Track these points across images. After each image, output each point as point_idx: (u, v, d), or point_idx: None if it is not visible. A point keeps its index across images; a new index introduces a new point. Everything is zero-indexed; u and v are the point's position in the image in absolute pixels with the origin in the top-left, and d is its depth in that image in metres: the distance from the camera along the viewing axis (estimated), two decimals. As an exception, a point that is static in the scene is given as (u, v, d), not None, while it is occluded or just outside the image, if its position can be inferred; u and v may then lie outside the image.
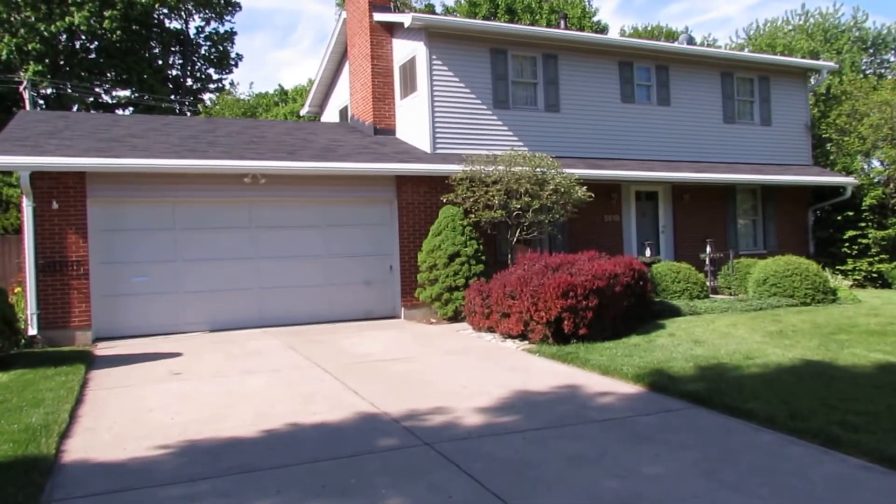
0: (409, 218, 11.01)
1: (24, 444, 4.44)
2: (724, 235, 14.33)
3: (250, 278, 10.29)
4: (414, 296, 10.86)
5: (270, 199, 10.39)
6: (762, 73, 15.00)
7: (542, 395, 5.91)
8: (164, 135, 11.14)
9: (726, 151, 14.58)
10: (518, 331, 8.23)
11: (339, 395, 5.98)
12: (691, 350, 7.44)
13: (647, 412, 5.31)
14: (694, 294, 11.49)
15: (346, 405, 5.61)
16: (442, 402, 5.67)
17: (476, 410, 5.38)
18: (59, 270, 9.04)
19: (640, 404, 5.56)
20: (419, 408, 5.49)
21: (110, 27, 23.12)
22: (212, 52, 28.74)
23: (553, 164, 10.85)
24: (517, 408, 5.47)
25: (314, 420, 5.18)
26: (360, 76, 13.24)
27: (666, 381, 6.07)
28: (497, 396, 5.82)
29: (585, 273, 8.10)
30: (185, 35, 27.97)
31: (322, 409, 5.48)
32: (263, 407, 5.58)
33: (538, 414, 5.29)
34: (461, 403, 5.60)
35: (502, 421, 5.12)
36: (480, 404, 5.57)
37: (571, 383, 6.30)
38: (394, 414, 5.32)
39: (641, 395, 5.87)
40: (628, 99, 13.52)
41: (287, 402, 5.74)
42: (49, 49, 23.32)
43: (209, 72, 29.26)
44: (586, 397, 5.80)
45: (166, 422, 5.22)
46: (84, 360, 7.54)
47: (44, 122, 11.20)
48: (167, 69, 27.97)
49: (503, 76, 12.33)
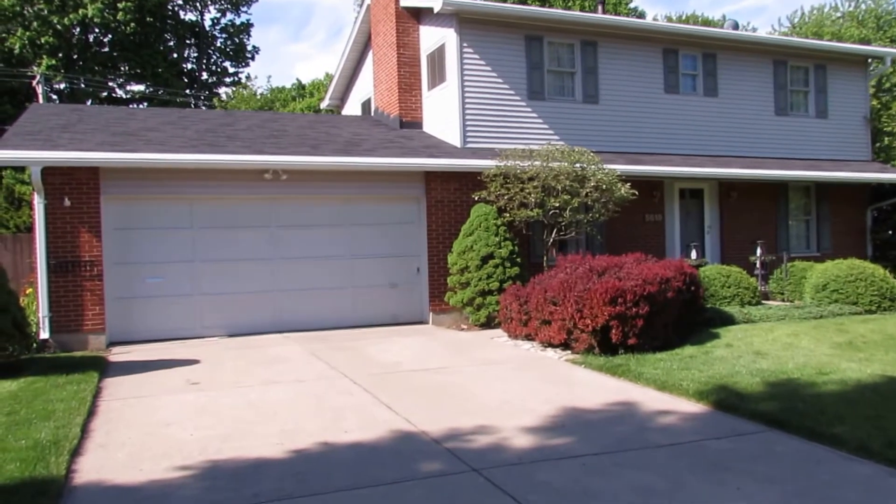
0: (439, 217, 10.67)
1: (33, 464, 4.19)
2: (775, 236, 13.75)
3: (270, 280, 10.05)
4: (443, 300, 10.52)
5: (292, 196, 10.14)
6: (818, 62, 14.37)
7: (594, 413, 5.53)
8: (181, 128, 10.97)
9: (778, 146, 13.99)
10: (560, 340, 7.85)
11: (371, 409, 5.66)
12: (755, 363, 6.99)
13: (718, 435, 4.90)
14: (745, 300, 10.99)
15: (380, 422, 5.29)
16: (484, 419, 5.32)
17: (523, 430, 5.02)
18: (72, 271, 8.88)
19: (707, 426, 5.15)
20: (460, 426, 5.15)
21: (124, 19, 23.23)
22: (227, 44, 28.77)
23: (594, 160, 10.44)
24: (569, 428, 5.10)
25: (346, 439, 4.86)
26: (384, 66, 12.95)
27: (734, 400, 5.64)
28: (544, 414, 5.45)
29: (635, 277, 7.68)
30: (201, 27, 28.04)
31: (354, 427, 5.17)
32: (289, 423, 5.28)
33: (593, 436, 4.92)
34: (505, 421, 5.24)
35: (555, 443, 4.75)
36: (527, 423, 5.21)
37: (625, 400, 5.90)
38: (433, 433, 4.98)
39: (707, 414, 5.46)
40: (672, 89, 13.02)
41: (314, 417, 5.44)
42: (62, 42, 23.51)
43: (225, 65, 29.32)
44: (645, 416, 5.40)
45: (184, 438, 4.95)
46: (97, 367, 7.34)
47: (57, 116, 11.10)
48: (182, 62, 28.07)
49: (538, 65, 11.93)
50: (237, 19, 28.92)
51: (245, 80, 32.25)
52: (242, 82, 31.55)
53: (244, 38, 28.90)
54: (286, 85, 35.30)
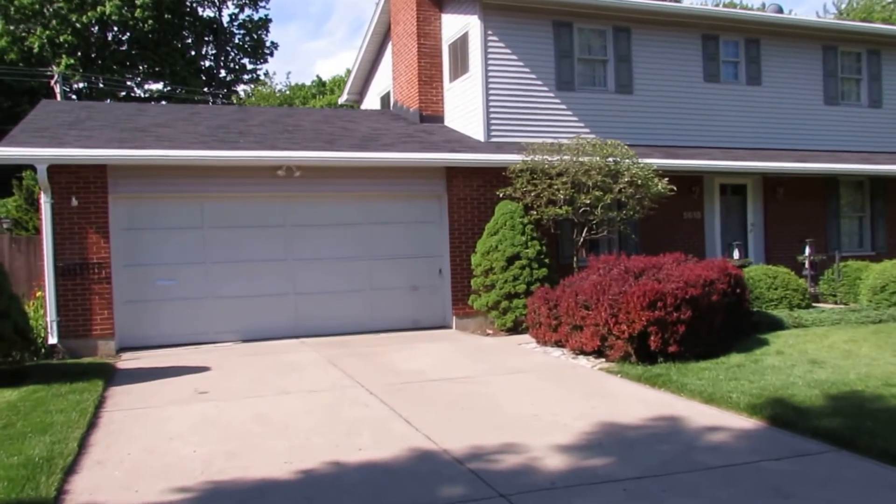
0: (461, 215, 10.33)
1: (21, 484, 3.97)
2: (824, 235, 13.07)
3: (285, 282, 9.83)
4: (467, 303, 10.17)
5: (306, 194, 9.90)
6: (871, 47, 13.66)
7: (634, 429, 5.13)
8: (193, 124, 10.83)
9: (828, 137, 13.32)
10: (593, 346, 7.44)
11: (388, 424, 5.34)
12: (811, 373, 6.50)
13: (776, 455, 4.47)
14: (794, 303, 10.42)
15: (397, 438, 4.96)
16: (512, 435, 4.96)
17: (556, 449, 4.65)
18: (80, 274, 8.76)
19: (763, 444, 4.72)
20: (485, 443, 4.80)
21: (142, 16, 23.41)
22: (246, 40, 28.86)
23: (628, 153, 9.99)
24: (607, 447, 4.71)
25: (360, 458, 4.55)
26: (404, 57, 12.67)
27: (791, 415, 5.19)
28: (579, 430, 5.07)
29: (676, 279, 7.23)
30: (219, 23, 28.17)
31: (369, 444, 4.85)
32: (299, 438, 4.99)
33: (635, 456, 4.52)
34: (536, 439, 4.88)
35: (592, 465, 4.37)
36: (560, 440, 4.83)
37: (668, 414, 5.48)
38: (456, 451, 4.64)
39: (761, 431, 5.02)
40: (712, 78, 12.47)
41: (327, 432, 5.14)
42: (81, 41, 23.79)
43: (243, 62, 29.42)
44: (692, 434, 4.98)
45: (187, 455, 4.70)
46: (104, 375, 7.17)
47: (65, 113, 11.05)
48: (200, 60, 28.25)
49: (568, 53, 11.51)
50: (255, 15, 29.01)
51: (263, 77, 32.37)
52: (261, 79, 31.66)
53: (262, 35, 28.95)
54: (306, 82, 35.38)
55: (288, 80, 53.29)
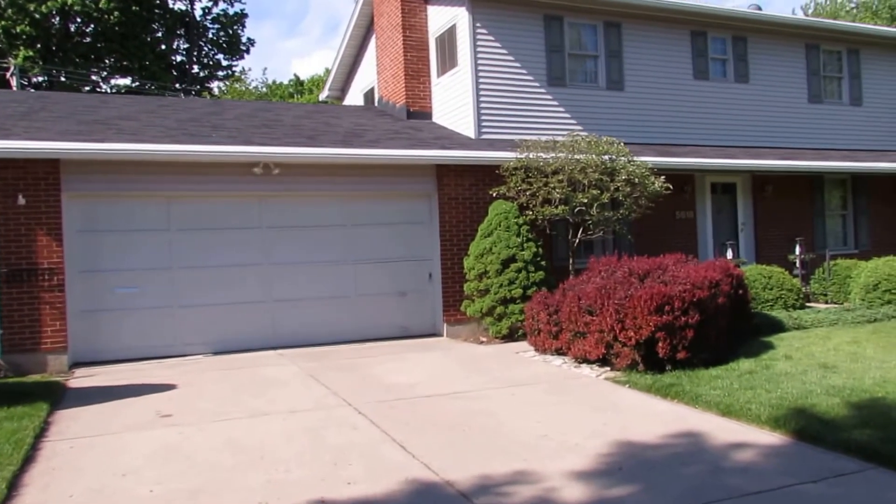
0: (453, 215, 9.71)
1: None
2: (811, 233, 12.82)
3: (260, 289, 9.07)
4: (459, 309, 9.55)
5: (285, 193, 9.16)
6: (851, 46, 13.48)
7: (653, 448, 4.59)
8: (160, 117, 10.00)
9: (813, 135, 13.09)
10: (597, 354, 6.90)
11: (381, 450, 4.71)
12: (826, 379, 6.07)
13: (812, 476, 3.99)
14: (789, 303, 10.09)
15: (393, 468, 4.33)
16: (521, 461, 4.38)
17: (573, 476, 4.08)
18: (28, 280, 7.81)
19: (794, 463, 4.24)
20: (493, 472, 4.20)
21: (107, 7, 22.20)
22: (220, 35, 27.75)
23: (623, 151, 9.51)
24: (628, 472, 4.16)
25: (350, 494, 3.91)
26: (389, 51, 12.00)
27: (817, 427, 4.74)
28: (593, 451, 4.51)
29: (682, 281, 6.74)
30: (191, 17, 27.00)
31: (360, 475, 4.21)
32: (278, 471, 4.32)
33: (660, 481, 3.98)
34: (547, 464, 4.30)
35: (616, 495, 3.82)
36: (575, 465, 4.27)
37: (686, 430, 4.96)
38: (460, 483, 4.04)
39: (788, 447, 4.54)
40: (702, 75, 12.09)
41: (310, 462, 4.48)
42: (41, 32, 22.46)
43: (218, 58, 28.28)
44: (716, 452, 4.47)
45: (141, 495, 3.99)
46: (50, 396, 6.29)
47: (17, 103, 10.10)
48: (171, 55, 27.06)
49: (558, 48, 10.99)
50: (230, 9, 27.91)
51: (239, 74, 31.26)
52: (236, 75, 30.55)
53: (238, 30, 27.88)
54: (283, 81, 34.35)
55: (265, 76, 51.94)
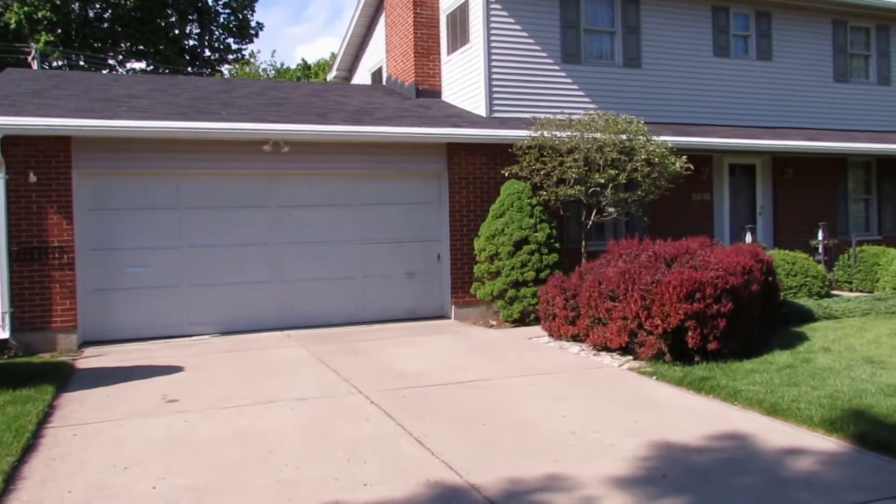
0: (463, 195, 9.11)
1: None
2: (833, 218, 12.10)
3: (269, 269, 8.56)
4: (468, 291, 9.00)
5: (294, 171, 8.60)
6: (881, 22, 12.61)
7: (697, 452, 4.03)
8: (171, 95, 9.44)
9: (837, 116, 12.31)
10: (619, 343, 6.33)
11: (397, 445, 4.18)
12: (877, 376, 5.46)
13: (889, 492, 3.41)
14: (814, 290, 9.44)
15: (411, 467, 3.81)
16: (551, 462, 3.84)
17: (612, 483, 3.54)
18: (38, 259, 7.42)
19: (863, 476, 3.66)
20: (522, 475, 3.67)
21: (123, -8, 21.53)
22: (231, 20, 27.11)
23: (643, 130, 8.84)
24: (674, 480, 3.61)
25: (367, 498, 3.39)
26: (398, 28, 11.32)
27: (882, 432, 4.14)
28: (631, 454, 3.97)
29: (714, 266, 6.13)
30: (203, 2, 26.33)
31: (375, 476, 3.69)
32: (288, 469, 3.81)
33: (713, 494, 3.43)
34: (582, 467, 3.76)
35: (663, 509, 3.26)
36: (613, 469, 3.72)
37: (730, 431, 4.39)
38: (488, 488, 3.51)
39: (851, 455, 3.96)
40: (722, 52, 11.33)
41: (322, 458, 3.97)
42: (61, 18, 21.89)
43: (228, 41, 27.66)
44: (770, 459, 3.90)
45: (143, 493, 3.52)
46: (58, 378, 5.90)
47: (31, 81, 9.59)
48: (184, 39, 26.45)
49: (574, 23, 10.26)
50: (241, -6, 27.08)
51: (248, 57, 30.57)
52: (245, 58, 29.87)
53: (248, 14, 27.21)
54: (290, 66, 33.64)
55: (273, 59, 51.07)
